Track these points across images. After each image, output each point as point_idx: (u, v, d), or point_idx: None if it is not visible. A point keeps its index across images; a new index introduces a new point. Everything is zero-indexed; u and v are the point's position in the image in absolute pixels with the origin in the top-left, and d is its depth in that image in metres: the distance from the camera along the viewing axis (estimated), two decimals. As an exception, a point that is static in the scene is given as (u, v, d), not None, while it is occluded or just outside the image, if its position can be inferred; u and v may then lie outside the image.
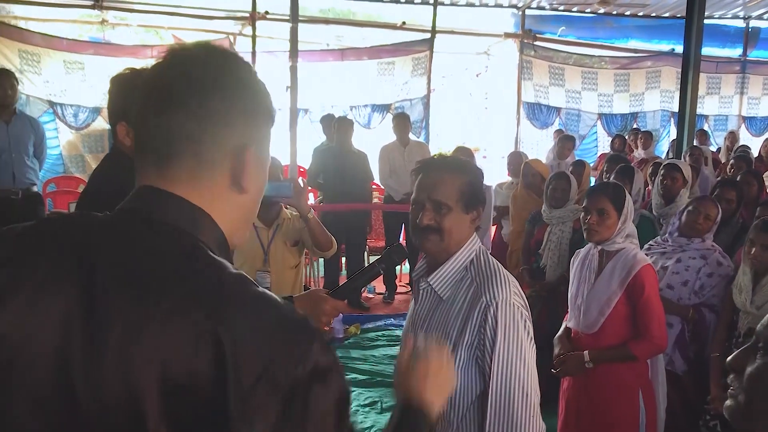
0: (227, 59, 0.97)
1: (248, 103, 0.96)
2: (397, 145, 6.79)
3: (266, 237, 3.36)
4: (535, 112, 10.86)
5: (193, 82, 0.92)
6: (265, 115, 0.99)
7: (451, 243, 1.84)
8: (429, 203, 1.82)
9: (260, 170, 1.00)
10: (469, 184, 1.85)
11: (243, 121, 0.95)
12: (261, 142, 0.99)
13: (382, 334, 5.83)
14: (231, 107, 0.93)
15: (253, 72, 0.99)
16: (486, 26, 10.55)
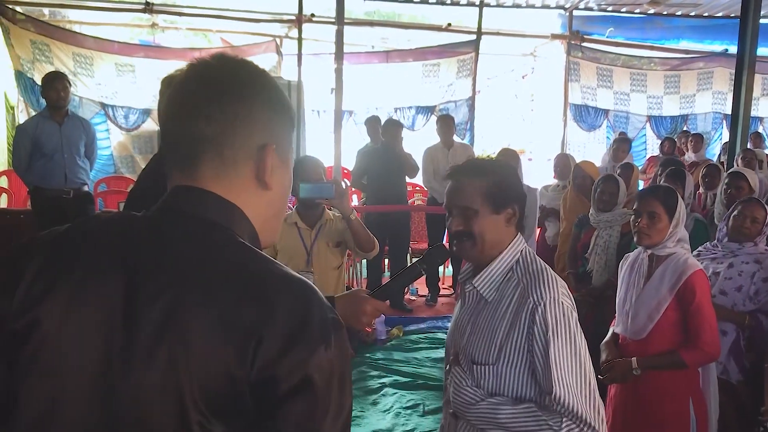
0: (244, 67, 1.02)
1: (266, 106, 1.01)
2: (440, 147, 6.75)
3: (309, 237, 3.37)
4: (583, 114, 10.69)
5: (211, 91, 0.97)
6: (283, 116, 1.04)
7: (486, 245, 1.83)
8: (456, 209, 1.85)
9: (283, 168, 1.04)
10: (495, 185, 1.83)
11: (262, 123, 1.00)
12: (282, 141, 1.03)
13: (425, 336, 5.80)
14: (250, 110, 0.98)
15: (269, 77, 1.03)
16: (532, 27, 10.43)
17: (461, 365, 1.85)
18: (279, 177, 1.02)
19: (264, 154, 0.99)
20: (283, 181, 1.04)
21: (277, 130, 1.02)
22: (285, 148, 1.03)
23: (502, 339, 1.76)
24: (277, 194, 1.03)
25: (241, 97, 0.98)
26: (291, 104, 1.06)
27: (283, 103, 1.04)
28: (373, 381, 4.82)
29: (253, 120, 0.99)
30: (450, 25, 10.05)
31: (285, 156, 1.03)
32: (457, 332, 1.91)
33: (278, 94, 1.03)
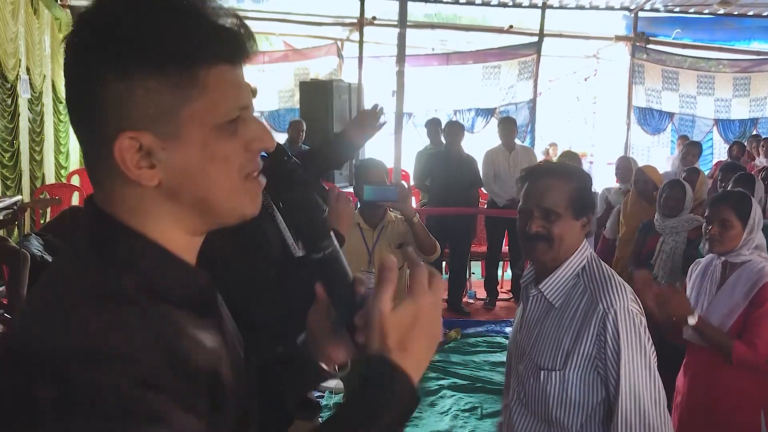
0: (98, 13, 0.75)
1: (114, 81, 0.72)
2: (502, 150, 6.70)
3: (371, 238, 3.41)
4: (647, 117, 10.47)
5: (66, 64, 0.77)
6: (155, 82, 0.73)
7: (561, 250, 1.81)
8: (537, 211, 1.80)
9: (177, 152, 0.76)
10: (578, 190, 1.81)
11: (112, 104, 0.73)
12: (154, 119, 0.74)
13: (483, 339, 5.77)
14: (92, 90, 0.74)
15: (137, 19, 0.72)
16: (595, 29, 10.27)
17: (525, 369, 1.85)
18: (175, 161, 0.76)
19: (116, 150, 0.74)
20: (185, 163, 0.76)
21: (140, 105, 0.73)
22: (167, 123, 0.74)
23: (569, 345, 1.74)
24: (183, 184, 0.78)
25: (83, 70, 0.74)
26: (180, 45, 0.73)
27: (159, 52, 0.72)
28: (430, 382, 4.83)
29: (102, 98, 0.73)
30: (512, 27, 9.99)
31: (170, 133, 0.75)
32: (522, 337, 1.90)
33: (148, 42, 0.72)
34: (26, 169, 7.64)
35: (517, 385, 1.88)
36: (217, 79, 0.76)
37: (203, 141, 0.76)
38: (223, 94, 0.77)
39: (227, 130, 0.78)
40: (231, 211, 0.82)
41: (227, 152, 0.78)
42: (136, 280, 0.76)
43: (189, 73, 0.74)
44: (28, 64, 7.61)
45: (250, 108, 0.81)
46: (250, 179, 0.82)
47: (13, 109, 7.19)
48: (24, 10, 7.42)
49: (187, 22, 0.74)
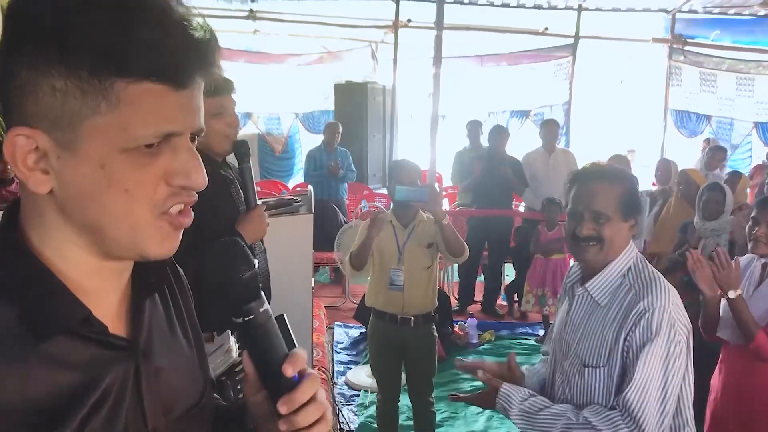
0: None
1: (24, 71, 0.66)
2: (541, 153, 6.66)
3: (402, 237, 3.46)
4: (684, 120, 10.35)
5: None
6: (63, 83, 0.65)
7: (610, 252, 1.85)
8: (588, 213, 1.84)
9: (72, 167, 0.68)
10: (627, 192, 1.86)
11: (17, 96, 0.67)
12: (59, 122, 0.66)
13: (516, 342, 5.77)
14: (2, 71, 0.68)
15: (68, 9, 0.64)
16: (632, 31, 10.17)
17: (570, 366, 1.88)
18: (65, 178, 0.68)
19: (10, 143, 0.67)
20: (75, 183, 0.68)
21: (45, 103, 0.66)
22: (67, 130, 0.66)
23: (612, 342, 1.79)
24: (70, 204, 0.69)
25: (6, 54, 0.67)
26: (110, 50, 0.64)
27: (77, 51, 0.64)
28: (465, 383, 4.84)
29: (12, 89, 0.67)
30: (547, 29, 9.95)
31: (71, 143, 0.67)
32: (567, 334, 1.93)
33: (69, 37, 0.63)
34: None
35: (562, 382, 1.91)
36: (135, 97, 0.66)
37: (101, 162, 0.66)
38: (138, 115, 0.66)
39: (138, 156, 0.67)
40: (128, 246, 0.72)
41: (130, 182, 0.68)
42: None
43: (101, 83, 0.64)
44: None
45: (184, 137, 0.71)
46: (166, 217, 0.72)
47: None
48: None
49: (121, 25, 0.63)
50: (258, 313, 0.78)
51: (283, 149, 10.08)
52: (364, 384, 4.71)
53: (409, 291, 3.41)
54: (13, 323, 0.67)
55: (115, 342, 0.75)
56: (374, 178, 9.51)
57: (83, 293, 0.73)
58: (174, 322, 0.89)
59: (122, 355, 0.76)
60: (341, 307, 6.53)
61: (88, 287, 0.74)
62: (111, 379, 0.74)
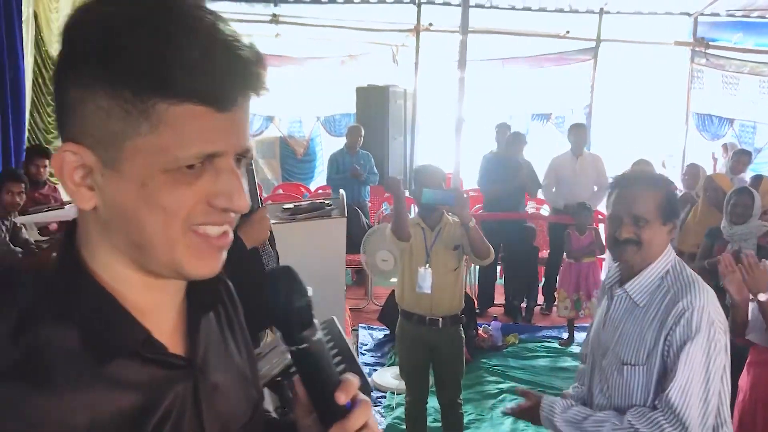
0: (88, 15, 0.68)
1: (72, 90, 0.68)
2: (569, 156, 6.66)
3: (430, 238, 3.51)
4: (706, 123, 10.31)
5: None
6: (108, 103, 0.66)
7: (649, 254, 1.90)
8: (628, 217, 1.90)
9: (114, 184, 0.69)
10: (666, 197, 1.91)
11: (72, 113, 0.68)
12: (104, 142, 0.67)
13: (541, 345, 5.79)
14: (59, 94, 0.70)
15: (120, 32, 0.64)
16: (654, 34, 10.13)
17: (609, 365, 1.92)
18: (108, 195, 0.69)
19: (59, 159, 0.69)
20: (117, 200, 0.69)
21: (92, 122, 0.67)
22: (112, 149, 0.67)
23: (651, 342, 1.84)
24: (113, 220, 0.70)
25: (57, 69, 0.70)
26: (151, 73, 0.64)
27: (120, 74, 0.64)
28: (490, 386, 4.88)
29: (61, 107, 0.69)
30: (568, 32, 9.94)
31: (115, 162, 0.68)
32: (605, 334, 1.97)
33: (116, 59, 0.64)
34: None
35: (600, 380, 1.96)
36: (178, 120, 0.66)
37: (142, 181, 0.67)
38: (179, 137, 0.66)
39: (179, 176, 0.67)
40: (167, 265, 0.72)
41: (171, 201, 0.68)
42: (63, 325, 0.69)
43: (144, 105, 0.65)
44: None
45: (227, 158, 0.70)
46: (199, 234, 0.71)
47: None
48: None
49: (165, 47, 0.64)
50: (311, 342, 0.78)
51: (304, 152, 10.16)
52: (390, 386, 4.76)
53: (437, 292, 3.46)
54: (76, 346, 0.68)
55: (173, 361, 0.76)
56: (395, 181, 9.54)
57: (140, 312, 0.73)
58: (227, 337, 0.90)
59: (181, 373, 0.77)
60: (364, 309, 6.57)
61: (143, 306, 0.74)
62: (171, 399, 0.74)
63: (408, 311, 3.54)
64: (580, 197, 5.88)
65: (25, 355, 0.66)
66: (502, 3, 9.49)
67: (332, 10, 9.71)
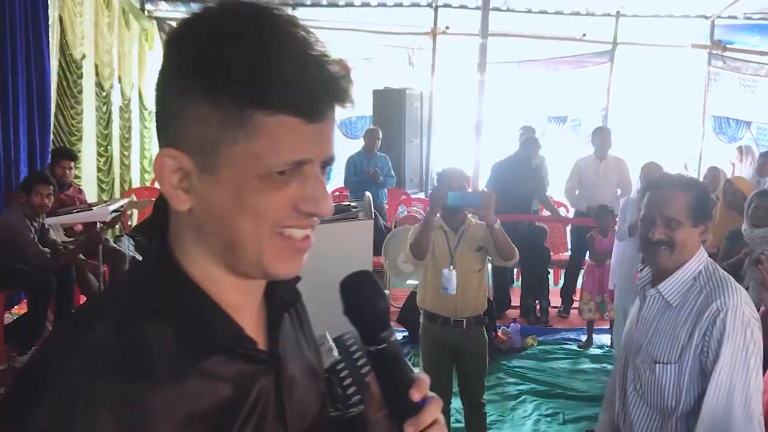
0: (193, 30, 0.72)
1: (176, 98, 0.72)
2: (592, 159, 6.68)
3: (453, 240, 3.54)
4: (723, 126, 10.29)
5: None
6: (208, 113, 0.70)
7: (682, 256, 1.94)
8: (660, 219, 1.94)
9: (210, 188, 0.73)
10: (698, 199, 1.95)
11: (172, 120, 0.73)
12: (202, 148, 0.72)
13: (559, 347, 5.80)
14: (163, 102, 0.74)
15: (226, 48, 0.68)
16: (670, 37, 10.13)
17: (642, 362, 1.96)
18: (204, 198, 0.73)
19: (159, 162, 0.73)
20: (213, 202, 0.73)
21: (191, 130, 0.71)
22: (210, 155, 0.71)
23: (684, 341, 1.87)
24: (208, 222, 0.75)
25: (160, 79, 0.74)
26: (258, 88, 0.69)
27: (225, 87, 0.69)
28: (510, 387, 4.90)
29: (163, 113, 0.74)
30: (585, 35, 9.96)
31: (211, 167, 0.72)
32: (638, 333, 2.02)
33: (221, 73, 0.68)
34: (117, 174, 8.04)
35: (634, 378, 2.00)
36: (272, 129, 0.70)
37: (237, 186, 0.71)
38: (272, 145, 0.70)
39: (270, 182, 0.72)
40: (255, 265, 0.76)
41: (262, 205, 0.72)
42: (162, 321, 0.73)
43: (241, 114, 0.69)
44: (119, 73, 8.02)
45: (314, 165, 0.74)
46: (284, 237, 0.75)
47: (107, 116, 7.59)
48: (118, 22, 7.83)
49: (262, 61, 0.68)
50: (389, 342, 0.82)
51: (321, 154, 10.18)
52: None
53: (462, 294, 3.48)
54: (173, 343, 0.72)
55: (260, 356, 0.80)
56: (411, 183, 9.60)
57: (230, 310, 0.78)
58: (298, 333, 0.94)
59: (264, 367, 0.81)
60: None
61: (231, 304, 0.78)
62: (257, 391, 0.78)
63: (432, 313, 3.57)
64: (603, 200, 5.90)
65: (128, 352, 0.70)
66: (518, 6, 9.51)
67: (349, 14, 9.77)
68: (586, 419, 4.40)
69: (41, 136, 5.89)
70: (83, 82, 6.84)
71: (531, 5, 9.54)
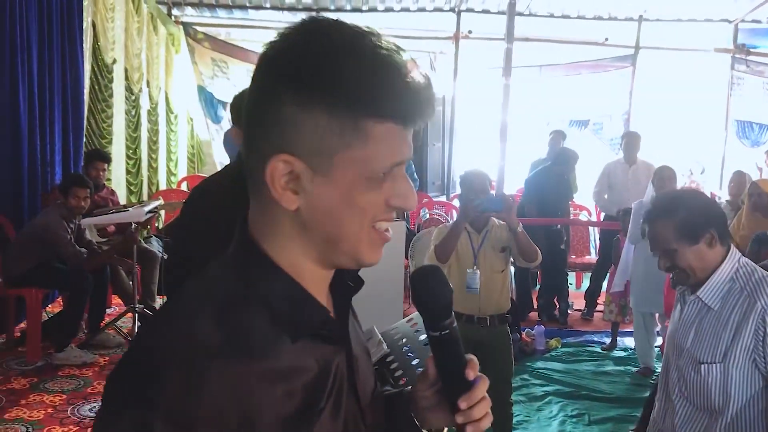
0: (302, 45, 0.78)
1: (293, 107, 0.77)
2: (621, 163, 6.72)
3: (477, 241, 3.62)
4: (746, 130, 10.25)
5: (254, 80, 0.82)
6: (327, 121, 0.77)
7: (697, 272, 2.01)
8: (659, 252, 2.06)
9: (322, 189, 0.80)
10: (683, 220, 2.00)
11: (283, 127, 0.78)
12: (316, 152, 0.78)
13: (583, 349, 5.84)
14: (271, 111, 0.79)
15: (339, 62, 0.76)
16: (693, 41, 10.11)
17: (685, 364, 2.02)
18: (314, 198, 0.80)
19: (269, 165, 0.79)
20: (322, 202, 0.80)
21: (307, 136, 0.78)
22: (324, 159, 0.79)
23: (728, 341, 1.93)
24: (316, 219, 0.82)
25: (265, 91, 0.80)
26: (372, 100, 0.77)
27: (342, 98, 0.76)
28: (536, 389, 4.95)
29: (271, 120, 0.79)
30: (607, 39, 9.97)
31: (326, 170, 0.79)
32: (680, 336, 2.08)
33: (338, 85, 0.76)
34: (145, 176, 8.18)
35: (678, 379, 2.06)
36: (381, 135, 0.78)
37: (348, 186, 0.79)
38: (381, 150, 0.79)
39: (374, 182, 0.80)
40: (351, 255, 0.84)
41: (366, 203, 0.81)
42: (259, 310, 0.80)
43: (356, 122, 0.77)
44: (148, 77, 8.16)
45: (404, 164, 0.84)
46: (376, 230, 0.84)
47: (136, 120, 7.73)
48: (146, 27, 7.97)
49: (373, 75, 0.76)
50: (451, 329, 0.91)
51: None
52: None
53: (485, 293, 3.56)
54: (268, 326, 0.80)
55: (336, 336, 0.89)
56: (433, 186, 9.66)
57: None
58: (351, 316, 1.02)
59: (338, 347, 0.89)
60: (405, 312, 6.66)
61: (313, 291, 0.86)
62: (335, 368, 0.86)
63: (456, 311, 3.63)
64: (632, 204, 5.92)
65: (231, 336, 0.77)
66: (541, 10, 9.54)
67: (372, 19, 9.84)
68: (612, 420, 4.44)
69: (75, 139, 6.03)
70: (114, 86, 6.98)
71: (553, 9, 9.56)
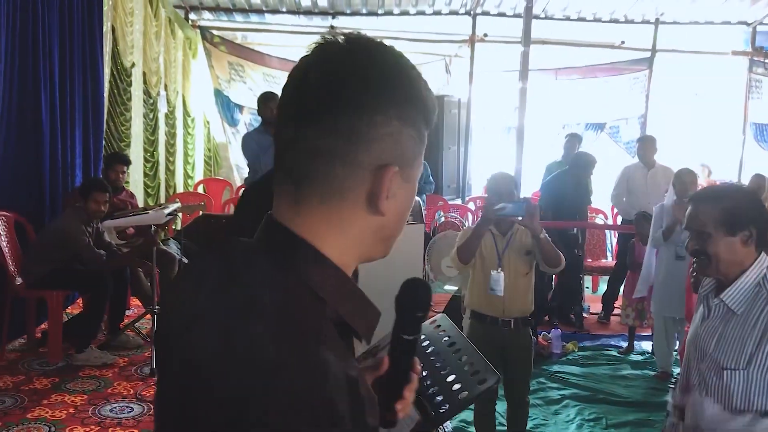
0: (374, 61, 0.84)
1: (394, 117, 0.83)
2: (640, 167, 6.69)
3: (501, 244, 3.60)
4: (764, 133, 10.18)
5: (330, 96, 0.82)
6: (415, 129, 0.86)
7: (721, 264, 1.99)
8: (692, 233, 2.03)
9: (404, 189, 0.88)
10: (728, 209, 1.98)
11: (385, 141, 0.83)
12: (408, 159, 0.86)
13: (600, 353, 5.82)
14: (371, 122, 0.82)
15: (408, 76, 0.85)
16: (710, 44, 10.06)
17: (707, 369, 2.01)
18: (397, 201, 0.87)
19: (381, 177, 0.83)
20: (401, 205, 0.88)
21: (404, 147, 0.85)
22: (412, 167, 0.88)
23: (752, 347, 1.91)
24: (391, 220, 0.88)
25: (359, 107, 0.82)
26: (429, 113, 0.88)
27: (418, 112, 0.86)
28: (552, 392, 4.93)
29: (373, 137, 0.83)
30: (623, 42, 9.94)
31: (410, 176, 0.88)
32: (702, 340, 2.07)
33: (414, 101, 0.85)
34: (162, 179, 8.25)
35: (699, 383, 2.05)
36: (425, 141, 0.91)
37: (413, 189, 0.90)
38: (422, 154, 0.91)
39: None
40: (389, 250, 0.93)
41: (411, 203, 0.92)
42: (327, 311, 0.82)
43: (423, 132, 0.89)
44: (165, 81, 8.23)
45: None
46: None
47: (154, 123, 7.80)
48: (164, 31, 8.04)
49: (427, 90, 0.88)
50: (419, 338, 0.96)
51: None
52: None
53: (509, 295, 3.55)
54: (337, 326, 0.82)
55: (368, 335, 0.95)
56: (449, 189, 9.66)
57: None
58: None
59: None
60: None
61: None
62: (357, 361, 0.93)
63: (480, 313, 3.63)
64: (650, 208, 5.90)
65: (330, 337, 0.79)
66: (557, 13, 9.54)
67: (388, 22, 9.89)
68: (630, 424, 4.42)
69: (95, 142, 6.09)
70: (132, 89, 7.04)
71: (569, 12, 9.56)
